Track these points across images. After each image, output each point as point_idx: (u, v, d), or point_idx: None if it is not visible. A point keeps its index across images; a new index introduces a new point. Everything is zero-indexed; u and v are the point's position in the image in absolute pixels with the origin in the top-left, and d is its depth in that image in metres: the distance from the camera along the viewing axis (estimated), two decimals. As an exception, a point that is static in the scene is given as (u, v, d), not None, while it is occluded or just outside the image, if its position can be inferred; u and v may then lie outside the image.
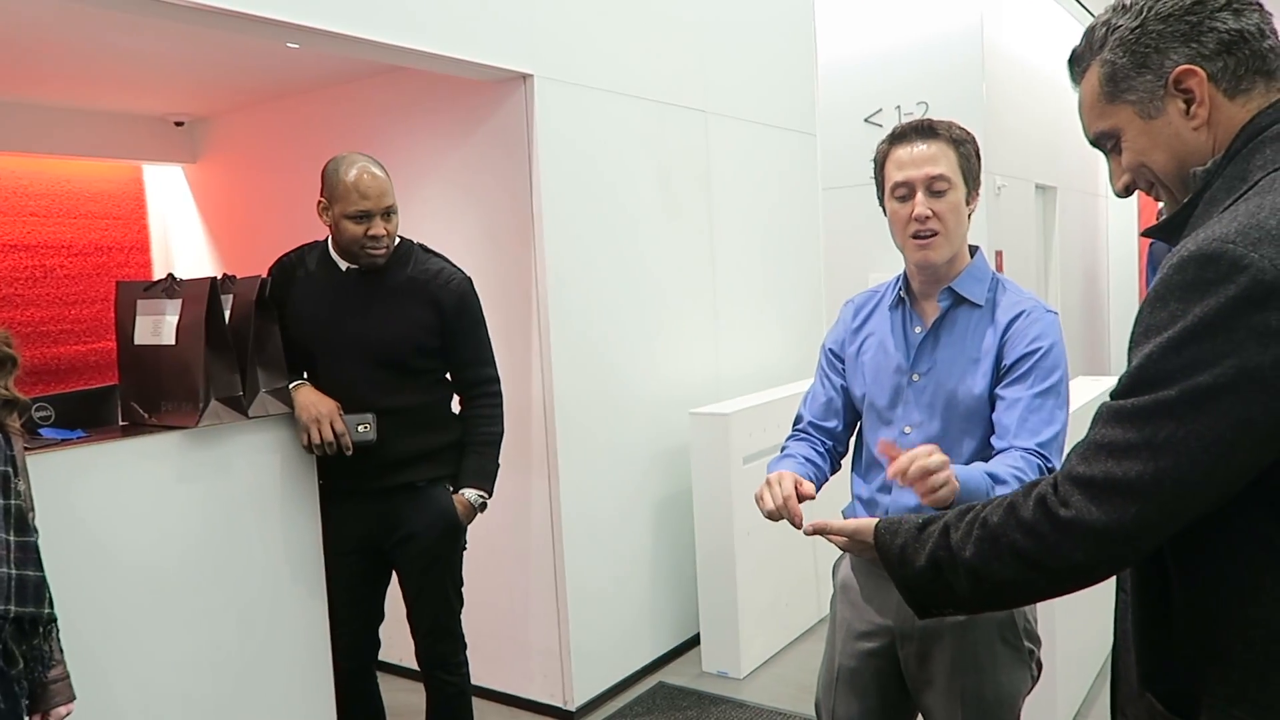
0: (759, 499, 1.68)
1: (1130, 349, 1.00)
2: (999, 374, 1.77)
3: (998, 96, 6.23)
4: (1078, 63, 1.16)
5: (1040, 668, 1.85)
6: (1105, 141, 1.15)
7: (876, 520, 1.27)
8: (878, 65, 6.31)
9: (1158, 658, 1.08)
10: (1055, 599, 1.15)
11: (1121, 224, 9.74)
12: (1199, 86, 1.06)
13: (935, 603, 1.17)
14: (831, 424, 1.97)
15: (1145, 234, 1.18)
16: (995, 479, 1.61)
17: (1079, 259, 8.63)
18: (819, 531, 1.39)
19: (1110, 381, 3.80)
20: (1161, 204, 1.16)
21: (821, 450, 1.96)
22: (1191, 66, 1.05)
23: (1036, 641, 1.84)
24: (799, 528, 1.58)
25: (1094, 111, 1.14)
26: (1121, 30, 1.09)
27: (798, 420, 2.03)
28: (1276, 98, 1.05)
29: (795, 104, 4.75)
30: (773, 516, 1.65)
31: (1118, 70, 1.10)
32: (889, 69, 6.27)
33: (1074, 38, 1.19)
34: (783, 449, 1.97)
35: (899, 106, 6.23)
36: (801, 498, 1.66)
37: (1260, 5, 1.06)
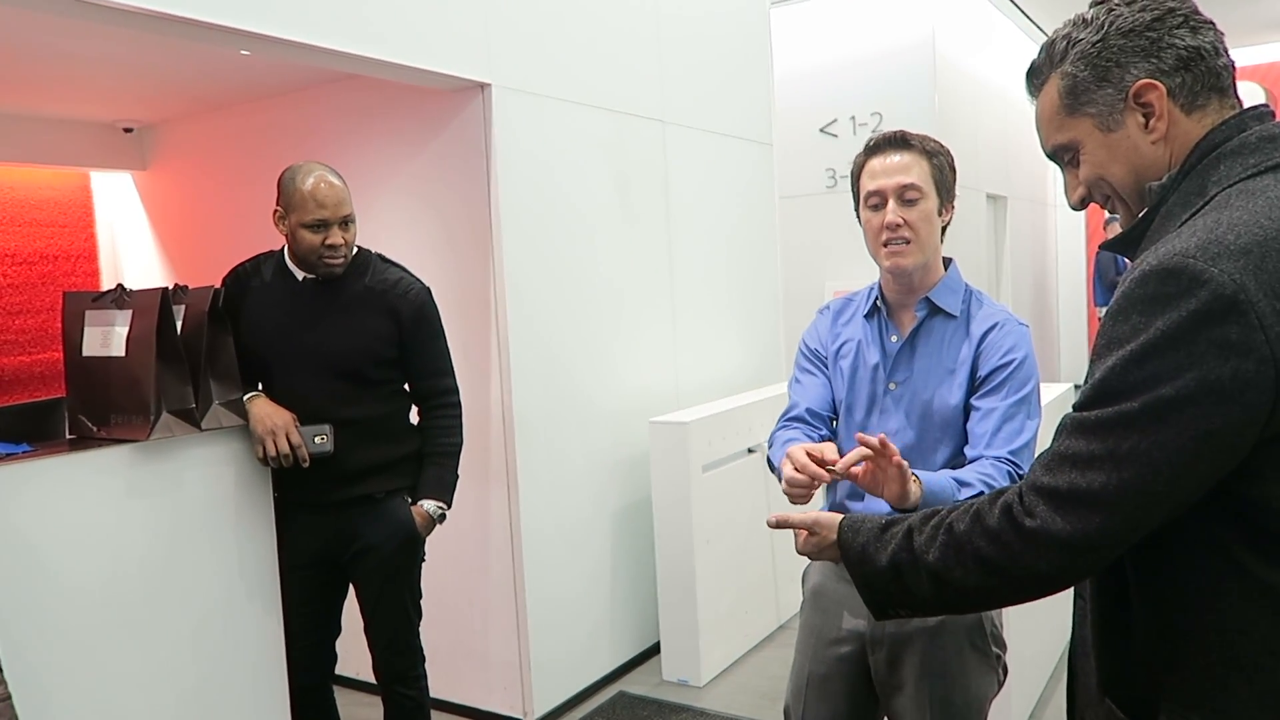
0: (786, 464, 1.62)
1: (1093, 361, 1.02)
2: (974, 385, 1.80)
3: (950, 107, 6.34)
4: (1036, 75, 1.18)
5: (1006, 671, 1.88)
6: (1063, 154, 1.17)
7: (843, 516, 1.29)
8: (833, 77, 6.40)
9: (1117, 664, 1.10)
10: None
11: (1070, 233, 9.96)
12: (1158, 100, 1.08)
13: (893, 603, 1.19)
14: (829, 413, 1.96)
15: (1103, 247, 1.20)
16: (961, 482, 1.64)
17: (1029, 267, 8.79)
18: (782, 524, 1.40)
19: (1061, 388, 3.87)
20: (1107, 214, 1.18)
21: (817, 439, 1.90)
22: (1152, 81, 1.07)
23: (1003, 646, 1.87)
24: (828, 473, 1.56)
25: (1053, 124, 1.16)
26: (1083, 44, 1.11)
27: (788, 410, 1.98)
28: (1230, 114, 1.08)
29: (752, 114, 4.79)
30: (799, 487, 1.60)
31: (1078, 83, 1.12)
32: (844, 80, 6.36)
33: (1023, 51, 1.21)
34: (772, 439, 1.94)
35: (854, 117, 6.32)
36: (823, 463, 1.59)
37: (1213, 23, 1.09)
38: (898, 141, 1.83)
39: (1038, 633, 3.28)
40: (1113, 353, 0.98)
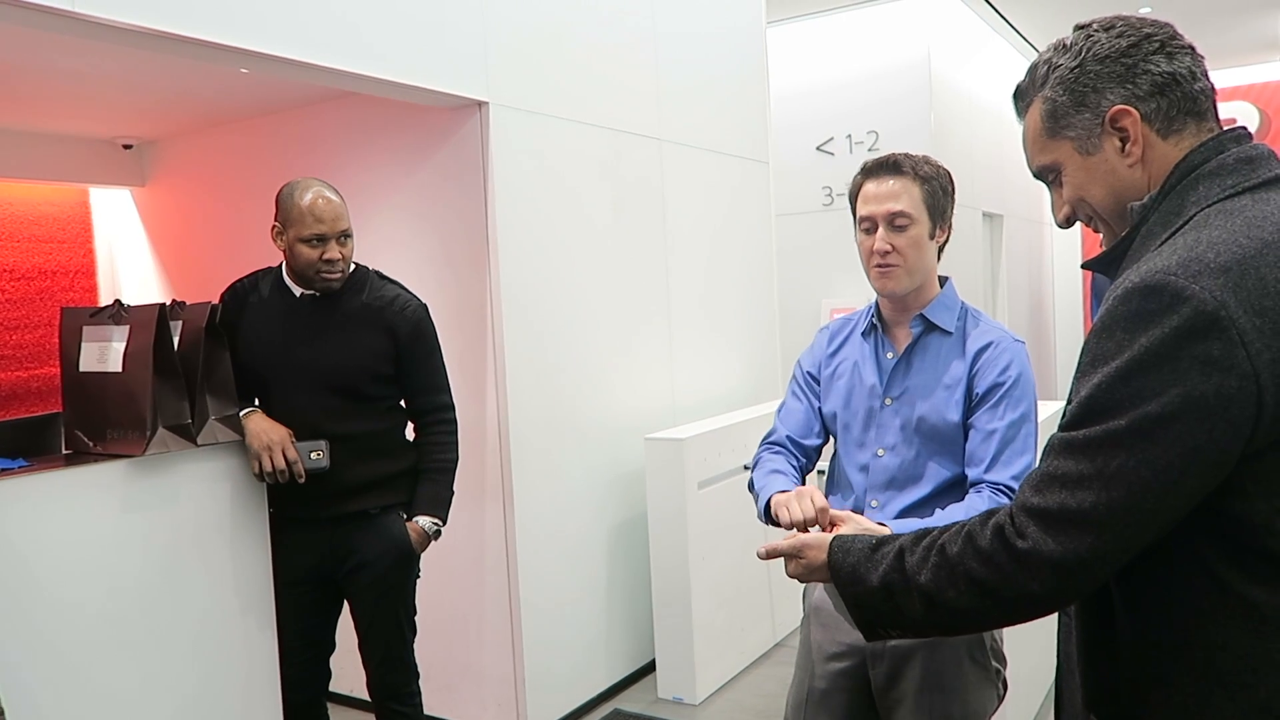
0: (782, 508, 1.65)
1: (1077, 378, 1.03)
2: (970, 403, 1.82)
3: (945, 126, 6.37)
4: (1022, 97, 1.21)
5: (1006, 686, 1.90)
6: (1047, 174, 1.19)
7: (833, 536, 1.29)
8: (829, 95, 6.44)
9: (1102, 681, 1.10)
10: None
11: (1066, 252, 9.99)
12: (1133, 126, 1.09)
13: (884, 624, 1.19)
14: (810, 441, 2.00)
15: (1084, 266, 1.22)
16: None
17: (1025, 286, 8.82)
18: (772, 554, 1.41)
19: (1057, 406, 3.87)
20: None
21: (795, 466, 1.96)
22: (1126, 107, 1.09)
23: (1003, 661, 1.89)
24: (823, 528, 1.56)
25: (1036, 145, 1.19)
26: (1061, 69, 1.13)
27: (771, 434, 2.03)
28: (1208, 137, 1.09)
29: (748, 132, 4.82)
30: (798, 527, 1.60)
31: (1058, 107, 1.14)
32: (840, 99, 6.40)
33: (1019, 71, 1.24)
34: (756, 460, 1.98)
35: (850, 135, 6.35)
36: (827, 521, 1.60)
37: (1192, 48, 1.11)
38: (890, 166, 1.86)
39: (1035, 649, 3.27)
40: (1097, 370, 0.99)
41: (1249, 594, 0.97)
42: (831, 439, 2.03)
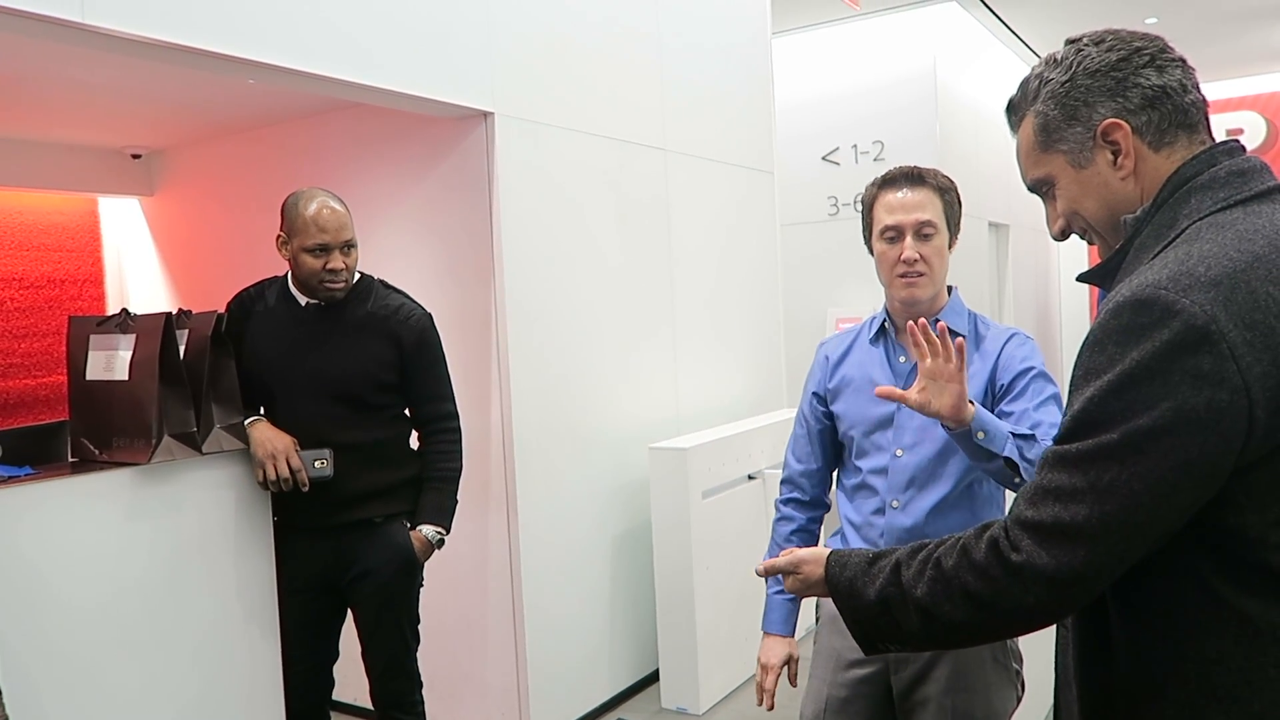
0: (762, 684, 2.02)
1: (1070, 391, 1.03)
2: (994, 395, 1.86)
3: (951, 136, 6.38)
4: (1014, 111, 1.22)
5: (1024, 686, 1.92)
6: (1041, 187, 1.20)
7: (830, 551, 1.29)
8: (835, 105, 6.45)
9: (1098, 693, 1.10)
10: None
11: (1073, 261, 9.98)
12: (1124, 139, 1.10)
13: (882, 638, 1.19)
14: (816, 465, 2.06)
15: (1079, 279, 1.23)
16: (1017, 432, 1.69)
17: (1031, 295, 8.81)
18: (770, 571, 1.41)
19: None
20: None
21: (806, 521, 2.09)
22: (1117, 120, 1.10)
23: (1020, 660, 1.91)
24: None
25: (1029, 159, 1.20)
26: (1053, 84, 1.14)
27: (785, 470, 2.10)
28: (1199, 150, 1.10)
29: (754, 142, 4.83)
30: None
31: (1049, 121, 1.15)
32: (846, 109, 6.41)
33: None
34: (776, 508, 2.11)
35: (855, 145, 6.37)
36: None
37: (1183, 61, 1.11)
38: (914, 178, 1.90)
39: (1045, 655, 3.26)
40: (1090, 384, 0.99)
41: (1243, 607, 0.97)
42: (842, 457, 2.05)
